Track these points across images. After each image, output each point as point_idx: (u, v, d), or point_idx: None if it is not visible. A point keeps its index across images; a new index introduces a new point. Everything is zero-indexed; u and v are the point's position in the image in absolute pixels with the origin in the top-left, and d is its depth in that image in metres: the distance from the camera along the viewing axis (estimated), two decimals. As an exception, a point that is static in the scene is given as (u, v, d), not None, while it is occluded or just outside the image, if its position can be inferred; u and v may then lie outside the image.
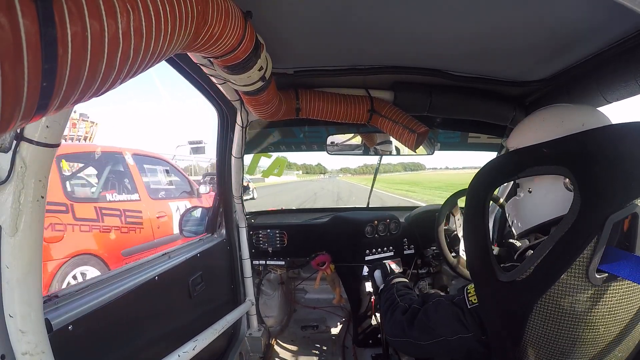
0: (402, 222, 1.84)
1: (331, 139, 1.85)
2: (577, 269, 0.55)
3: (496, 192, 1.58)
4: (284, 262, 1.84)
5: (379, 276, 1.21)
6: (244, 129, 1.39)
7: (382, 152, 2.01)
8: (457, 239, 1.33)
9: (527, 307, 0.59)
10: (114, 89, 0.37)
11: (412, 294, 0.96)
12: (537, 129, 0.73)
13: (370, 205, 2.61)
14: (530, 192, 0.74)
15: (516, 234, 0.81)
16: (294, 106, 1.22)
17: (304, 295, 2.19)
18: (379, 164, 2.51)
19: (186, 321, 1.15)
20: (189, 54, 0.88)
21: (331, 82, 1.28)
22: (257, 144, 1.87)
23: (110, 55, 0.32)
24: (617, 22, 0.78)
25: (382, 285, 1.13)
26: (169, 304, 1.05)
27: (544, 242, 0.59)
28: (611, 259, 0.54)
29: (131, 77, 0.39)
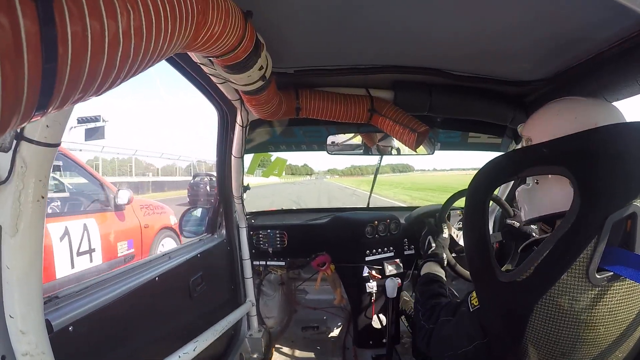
0: (402, 222, 1.84)
1: (331, 139, 1.85)
2: (578, 269, 0.55)
3: (496, 192, 1.58)
4: (284, 263, 1.84)
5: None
6: (244, 129, 1.39)
7: (382, 152, 2.01)
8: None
9: (528, 307, 0.59)
10: (114, 88, 0.37)
11: (436, 299, 0.96)
12: (551, 123, 0.72)
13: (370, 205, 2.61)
14: (537, 183, 0.74)
15: (524, 220, 0.81)
16: (294, 106, 1.22)
17: (305, 295, 2.18)
18: (379, 164, 2.51)
19: (186, 322, 1.15)
20: (189, 53, 0.88)
21: (331, 82, 1.28)
22: (257, 143, 1.87)
23: (110, 54, 0.32)
24: (617, 22, 0.78)
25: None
26: (169, 304, 1.05)
27: (544, 242, 0.59)
28: (611, 259, 0.54)
29: (131, 77, 0.39)
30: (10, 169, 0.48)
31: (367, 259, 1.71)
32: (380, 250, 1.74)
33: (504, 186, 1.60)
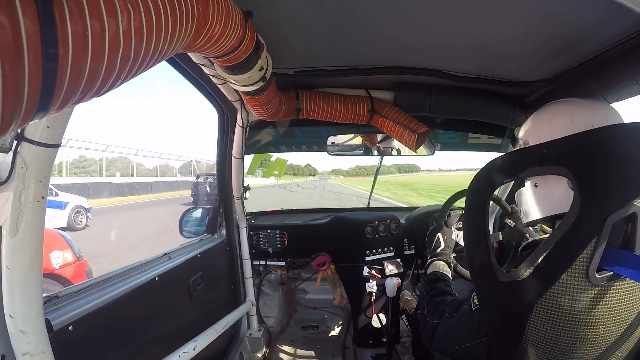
0: (403, 222, 1.84)
1: (331, 140, 1.85)
2: (577, 269, 0.55)
3: (496, 192, 1.58)
4: (284, 263, 1.84)
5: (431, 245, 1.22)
6: (245, 129, 1.39)
7: (382, 153, 2.01)
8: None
9: (527, 307, 0.59)
10: (114, 88, 0.37)
11: (441, 297, 0.97)
12: (548, 125, 0.72)
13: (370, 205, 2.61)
14: (536, 186, 0.74)
15: (524, 223, 0.81)
16: (294, 106, 1.22)
17: (305, 295, 2.18)
18: (380, 164, 2.51)
19: (186, 321, 1.15)
20: (189, 54, 0.88)
21: (331, 83, 1.28)
22: (257, 144, 1.87)
23: (111, 55, 0.32)
24: (617, 22, 0.78)
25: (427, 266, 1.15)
26: (169, 304, 1.05)
27: (544, 242, 0.59)
28: (611, 259, 0.54)
29: (132, 77, 0.39)
30: (10, 170, 0.48)
31: (367, 258, 1.71)
32: (380, 250, 1.74)
33: (504, 186, 1.60)
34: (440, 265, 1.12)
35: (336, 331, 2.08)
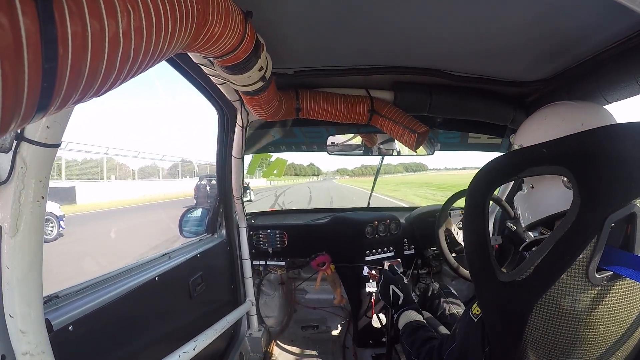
0: (403, 222, 1.84)
1: (331, 139, 1.85)
2: (577, 268, 0.55)
3: (496, 192, 1.58)
4: (284, 263, 1.84)
5: (391, 295, 1.19)
6: (244, 129, 1.39)
7: (382, 153, 2.01)
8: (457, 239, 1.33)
9: (527, 307, 0.59)
10: (114, 88, 0.37)
11: (428, 344, 0.94)
12: (538, 128, 0.74)
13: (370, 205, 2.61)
14: (532, 188, 0.75)
15: (523, 226, 0.81)
16: (294, 106, 1.22)
17: (304, 295, 2.18)
18: (381, 164, 2.51)
19: (186, 321, 1.15)
20: (189, 54, 0.88)
21: (331, 82, 1.28)
22: (257, 144, 1.87)
23: (110, 54, 0.32)
24: (617, 22, 0.78)
25: (399, 313, 1.11)
26: (169, 304, 1.05)
27: (544, 242, 0.59)
28: (611, 259, 0.54)
29: (132, 77, 0.39)
30: (10, 170, 0.48)
31: (367, 258, 1.71)
32: (380, 250, 1.74)
33: (504, 187, 1.60)
34: (410, 314, 1.08)
35: (336, 331, 2.08)
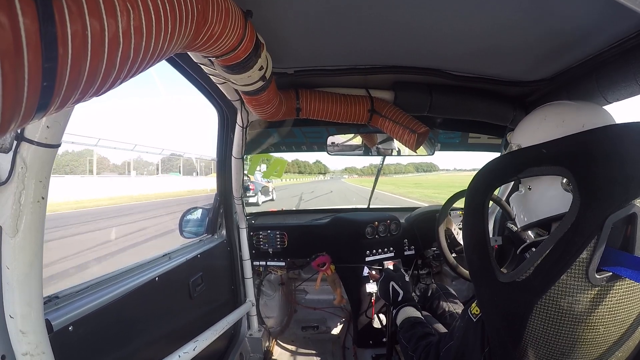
0: (403, 222, 1.84)
1: (331, 140, 1.85)
2: (577, 269, 0.55)
3: (496, 192, 1.58)
4: (284, 263, 1.84)
5: (391, 295, 1.19)
6: (244, 129, 1.39)
7: (382, 153, 2.01)
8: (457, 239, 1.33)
9: (527, 307, 0.59)
10: (114, 88, 0.37)
11: (425, 339, 0.95)
12: (538, 128, 0.73)
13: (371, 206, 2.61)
14: (530, 189, 0.75)
15: (519, 227, 0.81)
16: (294, 106, 1.22)
17: (305, 296, 2.18)
18: (381, 164, 2.52)
19: (186, 322, 1.15)
20: (189, 53, 0.88)
21: (331, 82, 1.28)
22: (257, 144, 1.87)
23: (110, 54, 0.32)
24: (617, 22, 0.78)
25: (397, 310, 1.12)
26: (169, 304, 1.05)
27: (544, 243, 0.59)
28: (611, 260, 0.54)
29: (132, 77, 0.39)
30: (10, 170, 0.48)
31: (367, 259, 1.71)
32: (380, 250, 1.74)
33: (504, 187, 1.60)
34: (409, 311, 1.09)
35: (336, 331, 2.08)
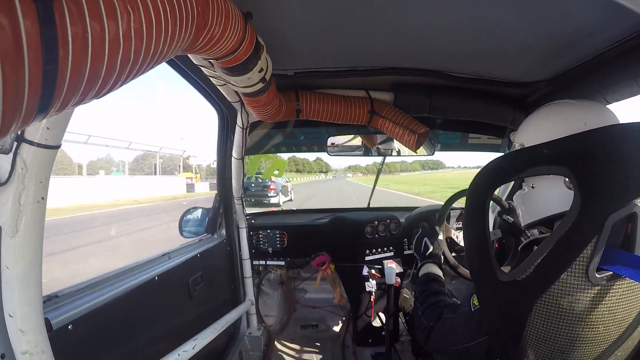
0: (403, 222, 1.84)
1: (331, 140, 1.85)
2: (577, 268, 0.55)
3: (496, 192, 1.58)
4: (284, 262, 1.84)
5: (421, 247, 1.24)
6: (245, 130, 1.39)
7: (382, 153, 2.01)
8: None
9: (527, 306, 0.59)
10: (114, 90, 0.37)
11: (435, 297, 0.97)
12: (540, 127, 0.73)
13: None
14: (533, 188, 0.75)
15: (523, 225, 0.82)
16: (294, 107, 1.22)
17: (304, 295, 2.19)
18: (382, 165, 2.53)
19: (186, 321, 1.16)
20: (189, 55, 0.88)
21: (331, 84, 1.28)
22: (257, 145, 1.87)
23: (110, 56, 0.32)
24: (617, 22, 0.78)
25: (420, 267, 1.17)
26: (169, 303, 1.06)
27: (544, 242, 0.59)
28: (611, 259, 0.55)
29: (132, 79, 0.39)
30: (10, 171, 0.48)
31: (367, 258, 1.71)
32: (380, 250, 1.74)
33: (504, 186, 1.60)
34: (431, 267, 1.13)
35: (336, 330, 2.08)
